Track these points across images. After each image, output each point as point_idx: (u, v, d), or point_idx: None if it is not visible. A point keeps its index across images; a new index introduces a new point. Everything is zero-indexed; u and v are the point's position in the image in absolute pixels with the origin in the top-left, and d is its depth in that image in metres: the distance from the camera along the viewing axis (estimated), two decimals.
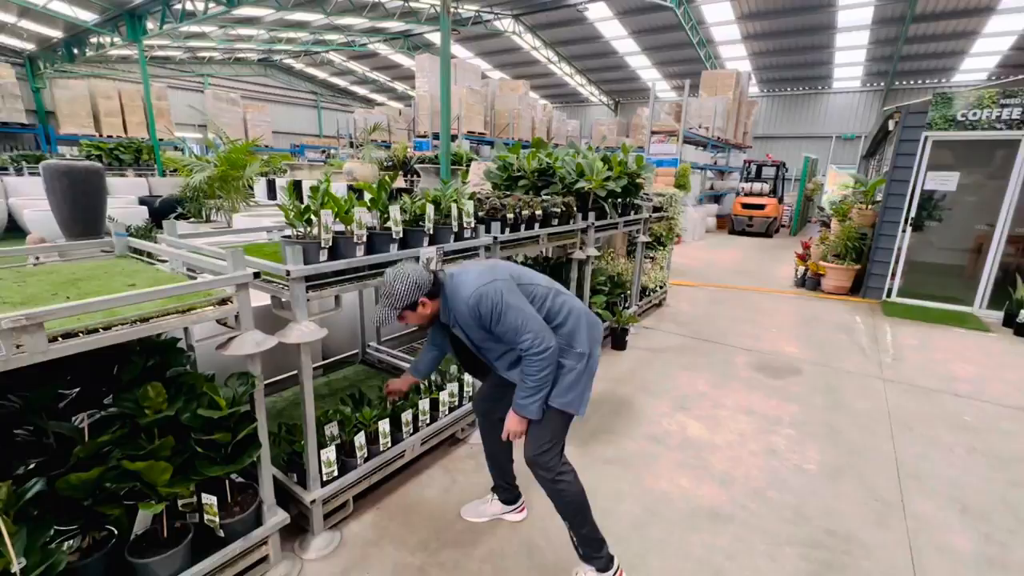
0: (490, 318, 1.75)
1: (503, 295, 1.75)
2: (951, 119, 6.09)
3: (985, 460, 2.96)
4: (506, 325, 1.74)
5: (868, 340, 5.12)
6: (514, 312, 1.74)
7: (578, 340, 1.86)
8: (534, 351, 1.73)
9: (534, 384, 1.78)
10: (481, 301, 1.74)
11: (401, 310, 1.78)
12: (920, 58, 15.44)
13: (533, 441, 1.88)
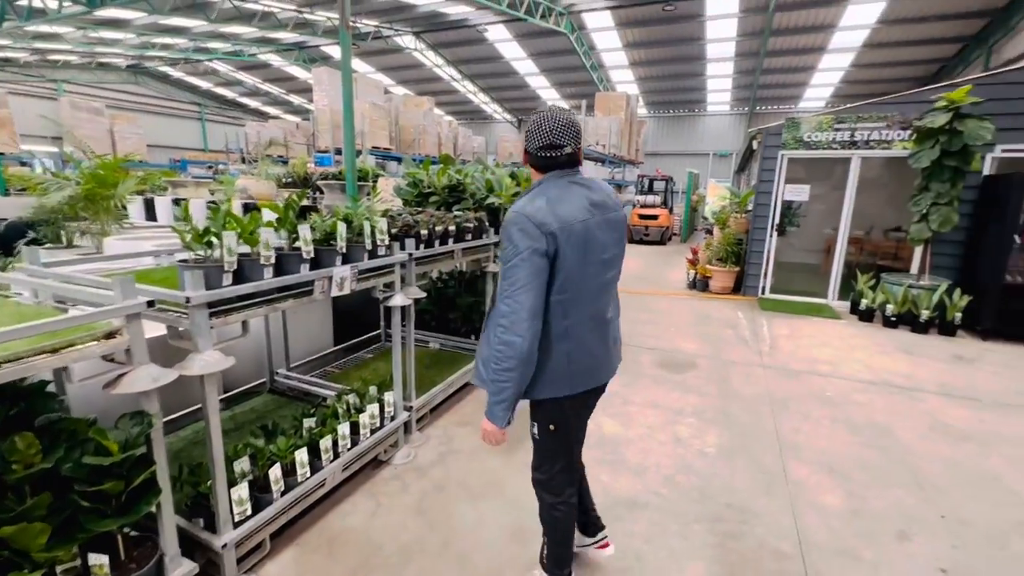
0: (502, 243, 1.54)
1: (519, 236, 1.47)
2: (800, 140, 7.14)
3: (844, 428, 3.49)
4: (504, 265, 1.52)
5: (749, 333, 5.79)
6: (516, 267, 1.47)
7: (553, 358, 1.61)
8: (504, 321, 1.49)
9: (495, 375, 1.53)
10: (511, 223, 1.51)
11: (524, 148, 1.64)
12: (774, 87, 17.91)
13: (534, 458, 1.82)
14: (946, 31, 12.80)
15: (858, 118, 6.81)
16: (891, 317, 6.17)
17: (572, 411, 1.72)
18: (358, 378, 3.57)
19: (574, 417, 1.75)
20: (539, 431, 1.75)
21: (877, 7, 11.93)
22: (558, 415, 1.70)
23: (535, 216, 1.48)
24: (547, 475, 1.79)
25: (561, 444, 1.75)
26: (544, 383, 1.62)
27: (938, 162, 5.87)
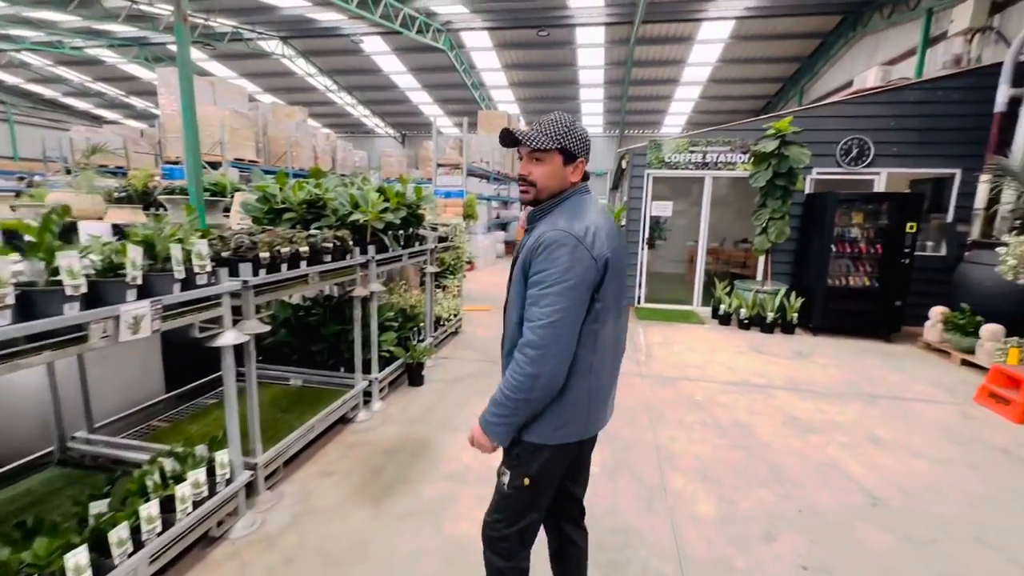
0: (537, 262, 1.33)
1: (568, 260, 1.30)
2: (662, 160, 7.74)
3: (713, 431, 3.66)
4: (540, 290, 1.31)
5: (629, 343, 6.00)
6: (559, 294, 1.29)
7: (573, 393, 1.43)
8: (531, 351, 1.30)
9: (507, 399, 1.35)
10: (560, 245, 1.31)
11: (565, 147, 1.41)
12: (639, 113, 19.64)
13: (491, 508, 1.56)
14: (769, 72, 15.06)
15: (708, 142, 7.57)
16: (744, 320, 6.85)
17: (563, 461, 1.50)
18: (191, 433, 2.95)
19: (560, 469, 1.52)
20: (510, 482, 1.49)
21: (717, 48, 13.64)
22: (545, 466, 1.46)
23: (587, 239, 1.33)
24: (502, 533, 1.52)
25: (534, 500, 1.50)
26: (555, 425, 1.42)
27: (771, 182, 6.69)
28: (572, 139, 1.42)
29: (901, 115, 6.92)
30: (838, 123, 7.12)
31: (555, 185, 1.45)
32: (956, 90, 6.79)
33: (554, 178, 1.44)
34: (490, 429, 1.41)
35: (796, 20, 11.75)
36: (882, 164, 7.09)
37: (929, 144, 6.90)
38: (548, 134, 1.41)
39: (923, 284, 6.58)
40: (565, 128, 1.41)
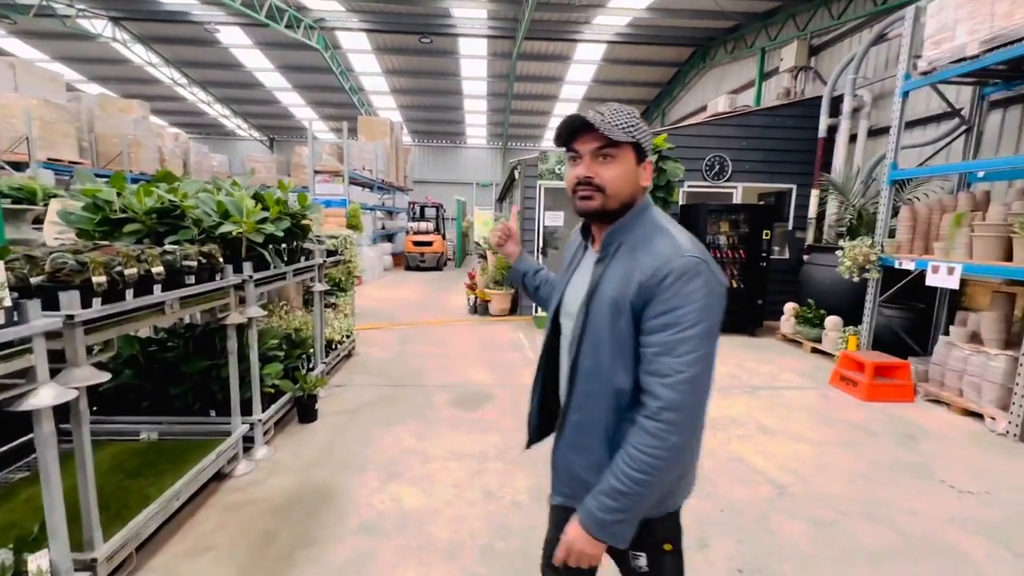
0: (662, 299, 1.01)
1: (706, 292, 1.01)
2: (552, 172, 7.92)
3: None
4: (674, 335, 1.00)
5: (532, 354, 5.96)
6: (702, 337, 1.00)
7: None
8: (671, 415, 0.99)
9: (636, 483, 1.01)
10: (694, 274, 1.01)
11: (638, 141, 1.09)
12: (522, 126, 20.25)
13: None
14: (636, 95, 16.50)
15: None
16: None
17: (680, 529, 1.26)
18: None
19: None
20: (649, 560, 1.20)
21: (591, 68, 14.57)
22: (674, 526, 1.23)
23: (715, 267, 1.07)
24: None
25: (676, 560, 1.25)
26: (680, 487, 1.20)
27: (653, 194, 7.18)
28: (643, 133, 1.12)
29: (749, 137, 7.91)
30: (702, 142, 7.92)
31: (627, 191, 1.13)
32: (789, 117, 7.97)
33: (628, 182, 1.12)
34: (608, 530, 1.05)
35: (657, 49, 12.99)
36: (738, 179, 8.04)
37: (772, 163, 7.98)
38: (619, 125, 1.07)
39: (776, 284, 7.55)
40: (635, 119, 1.10)
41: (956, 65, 4.42)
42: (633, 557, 1.22)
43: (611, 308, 1.09)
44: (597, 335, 1.11)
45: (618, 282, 1.09)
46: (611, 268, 1.13)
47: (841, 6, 8.09)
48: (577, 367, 1.15)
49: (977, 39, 4.17)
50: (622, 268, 1.10)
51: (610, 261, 1.14)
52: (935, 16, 4.59)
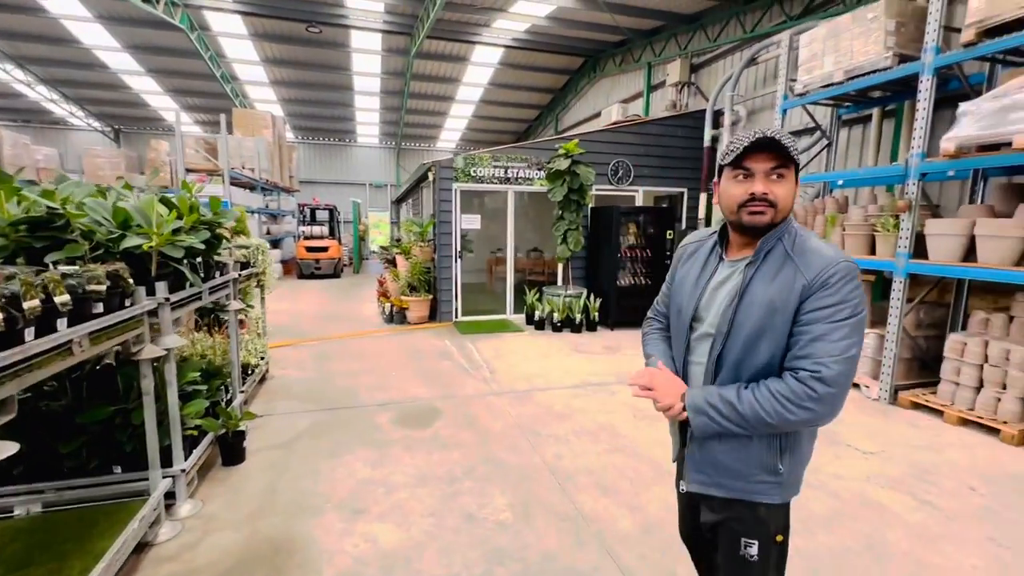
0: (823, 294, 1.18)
1: (859, 293, 1.20)
2: (469, 174, 7.81)
3: (587, 439, 3.75)
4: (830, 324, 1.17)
5: (465, 361, 5.81)
6: (856, 325, 1.18)
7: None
8: (823, 388, 1.14)
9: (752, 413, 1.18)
10: (850, 277, 1.19)
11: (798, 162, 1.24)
12: (417, 126, 19.72)
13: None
14: (531, 99, 16.98)
15: (508, 158, 7.97)
16: (558, 323, 7.42)
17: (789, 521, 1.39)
18: None
19: None
20: (760, 549, 1.31)
21: (488, 71, 14.67)
22: (786, 520, 1.35)
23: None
24: None
25: (782, 554, 1.35)
26: (798, 477, 1.32)
27: (567, 197, 7.43)
28: (799, 155, 1.27)
29: (647, 144, 8.56)
30: (607, 148, 8.38)
31: (791, 207, 1.28)
32: (679, 127, 8.77)
33: (793, 199, 1.28)
34: (697, 413, 1.25)
35: (552, 56, 13.49)
36: (639, 183, 8.65)
37: (666, 168, 8.72)
38: (792, 147, 1.22)
39: None
40: (796, 143, 1.25)
41: (825, 89, 5.20)
42: (746, 545, 1.32)
43: (767, 308, 1.23)
44: (748, 332, 1.24)
45: (775, 283, 1.23)
46: (761, 271, 1.26)
47: (716, 31, 9.10)
48: (723, 359, 1.29)
49: (841, 68, 4.94)
50: (774, 271, 1.25)
51: (760, 264, 1.27)
52: (807, 46, 5.35)
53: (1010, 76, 3.78)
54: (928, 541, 2.56)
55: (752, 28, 8.19)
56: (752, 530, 1.31)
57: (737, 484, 1.30)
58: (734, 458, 1.28)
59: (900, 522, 2.72)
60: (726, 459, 1.29)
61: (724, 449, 1.30)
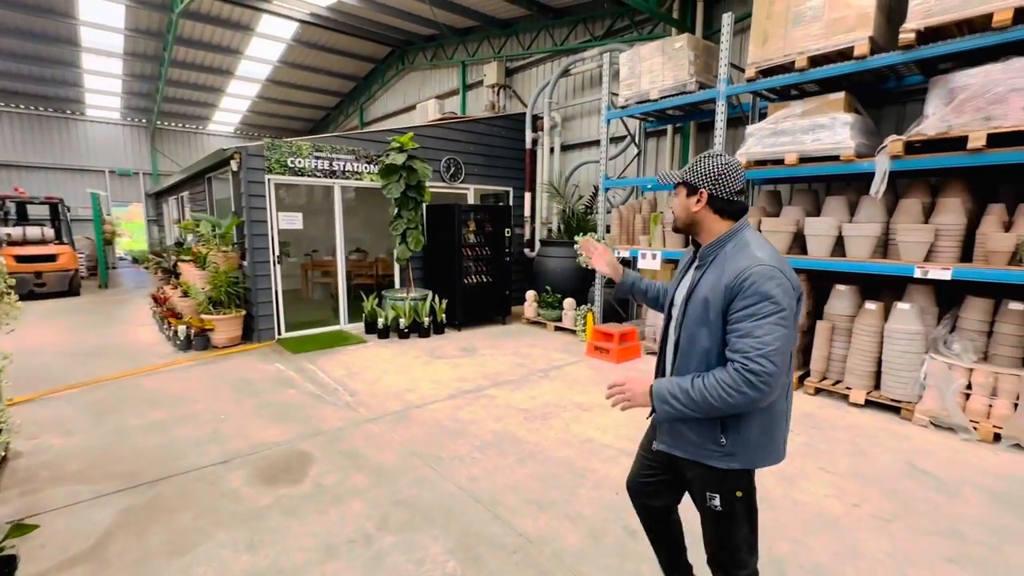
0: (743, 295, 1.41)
1: (781, 291, 1.40)
2: (285, 165, 6.64)
3: (493, 453, 3.54)
4: (754, 322, 1.39)
5: (315, 386, 4.93)
6: (779, 320, 1.38)
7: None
8: (755, 379, 1.35)
9: (704, 403, 1.42)
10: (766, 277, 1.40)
11: (685, 180, 1.60)
12: (183, 102, 16.02)
13: (720, 542, 1.65)
14: (328, 84, 15.45)
15: (333, 148, 7.06)
16: (404, 329, 6.93)
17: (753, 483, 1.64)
18: None
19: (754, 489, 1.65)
20: (723, 502, 1.58)
21: (278, 47, 12.78)
22: (747, 479, 1.60)
23: (788, 273, 1.46)
24: (730, 549, 1.64)
25: (749, 513, 1.62)
26: (762, 451, 1.54)
27: (405, 194, 6.97)
28: (693, 175, 1.58)
29: (475, 143, 8.63)
30: (437, 143, 8.15)
31: (683, 215, 1.63)
32: (504, 128, 9.08)
33: (681, 209, 1.63)
34: (660, 404, 1.49)
35: (355, 41, 12.49)
36: (470, 181, 8.67)
37: (493, 167, 8.94)
38: (687, 174, 1.61)
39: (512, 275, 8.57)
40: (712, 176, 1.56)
41: (642, 104, 5.97)
42: (709, 497, 1.60)
43: (703, 303, 1.51)
44: (692, 321, 1.54)
45: (710, 285, 1.50)
46: (706, 274, 1.54)
47: (528, 39, 9.67)
48: (679, 343, 1.60)
49: (656, 88, 5.74)
50: (713, 274, 1.51)
51: (705, 269, 1.56)
52: (626, 65, 6.06)
53: (775, 108, 4.91)
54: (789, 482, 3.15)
55: (562, 42, 8.95)
56: (713, 485, 1.59)
57: (692, 449, 1.58)
58: (689, 428, 1.57)
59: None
60: (684, 429, 1.58)
61: (682, 423, 1.59)
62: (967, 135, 3.69)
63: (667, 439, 1.66)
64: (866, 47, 4.13)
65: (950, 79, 3.87)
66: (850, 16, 4.19)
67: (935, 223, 4.12)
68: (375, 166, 7.46)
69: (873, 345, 4.45)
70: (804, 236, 4.81)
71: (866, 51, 4.14)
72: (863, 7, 4.13)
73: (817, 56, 4.45)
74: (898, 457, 3.50)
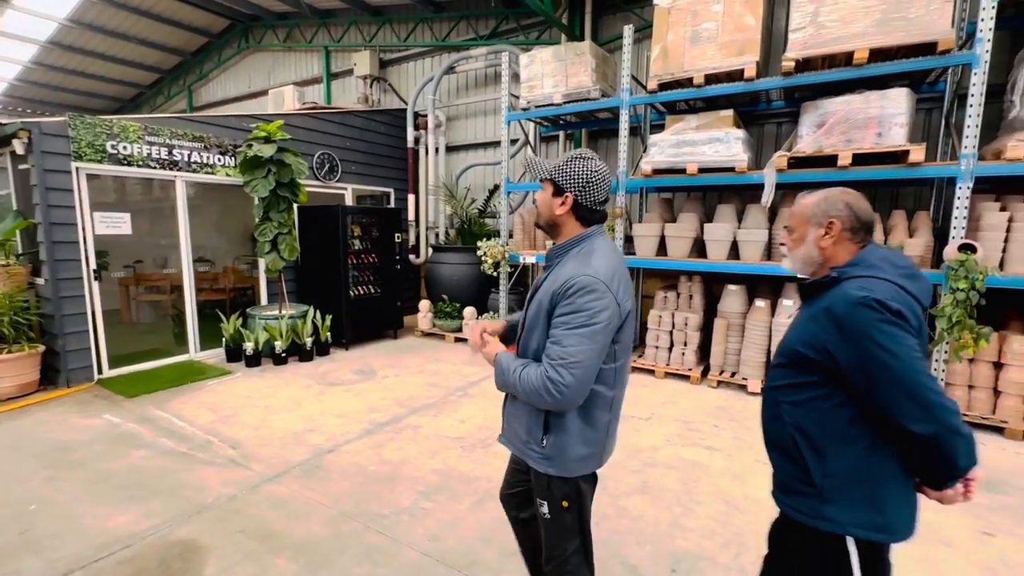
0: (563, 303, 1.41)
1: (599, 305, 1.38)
2: (102, 151, 5.06)
3: (444, 497, 3.01)
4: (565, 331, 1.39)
5: (175, 441, 3.75)
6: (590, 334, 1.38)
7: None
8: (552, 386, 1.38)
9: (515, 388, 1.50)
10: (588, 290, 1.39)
11: (553, 179, 1.52)
12: None
13: (549, 552, 1.64)
14: (144, 56, 12.58)
15: (172, 133, 5.62)
16: (281, 353, 5.81)
17: (587, 491, 1.63)
18: None
19: (590, 492, 1.65)
20: (550, 510, 1.58)
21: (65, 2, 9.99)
22: (574, 489, 1.57)
23: (612, 283, 1.42)
24: (559, 560, 1.62)
25: (578, 518, 1.61)
26: (579, 459, 1.52)
27: (275, 193, 5.87)
28: (560, 174, 1.51)
29: (352, 137, 7.74)
30: (309, 136, 7.09)
31: (546, 213, 1.58)
32: (382, 124, 8.31)
33: (547, 206, 1.57)
34: (497, 374, 1.55)
35: (180, 5, 10.37)
36: (348, 180, 7.73)
37: (371, 165, 8.12)
38: (557, 171, 1.54)
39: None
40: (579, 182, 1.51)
41: (544, 108, 5.89)
42: (539, 504, 1.61)
43: (538, 306, 1.51)
44: (529, 321, 1.56)
45: (545, 288, 1.50)
46: (548, 278, 1.55)
47: (404, 31, 9.01)
48: (519, 340, 1.62)
49: (560, 92, 5.69)
50: (551, 278, 1.51)
51: (548, 273, 1.57)
52: (527, 67, 5.91)
53: (673, 120, 5.21)
54: (734, 476, 3.25)
55: (444, 37, 8.52)
56: (541, 492, 1.59)
57: (520, 446, 1.60)
58: (517, 424, 1.60)
59: (709, 469, 3.36)
60: (515, 423, 1.62)
61: (514, 415, 1.62)
62: (837, 154, 4.28)
63: (507, 432, 1.69)
64: (754, 70, 4.57)
65: (820, 105, 4.46)
66: (740, 40, 4.60)
67: None
68: (231, 158, 6.16)
69: (763, 338, 4.95)
70: (703, 241, 5.18)
71: (754, 73, 4.57)
72: (751, 34, 4.56)
73: (711, 75, 4.80)
74: None
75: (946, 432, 1.13)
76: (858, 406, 1.23)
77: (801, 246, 1.40)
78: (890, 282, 1.22)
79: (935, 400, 1.12)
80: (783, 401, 1.35)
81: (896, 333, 1.15)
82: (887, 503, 1.23)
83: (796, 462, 1.32)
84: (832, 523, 1.25)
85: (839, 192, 1.37)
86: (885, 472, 1.23)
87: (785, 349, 1.37)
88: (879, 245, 1.36)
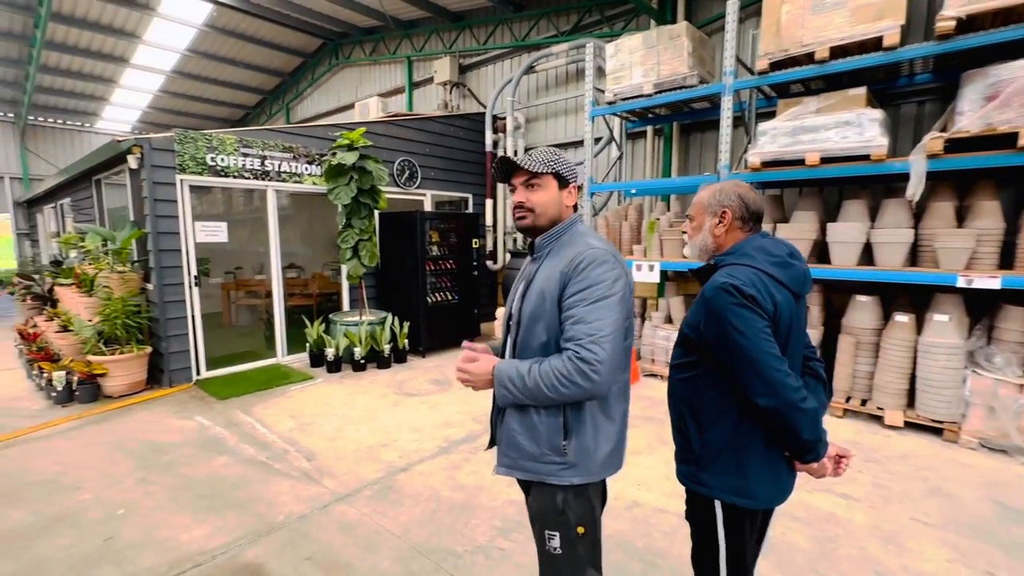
0: (576, 279, 1.33)
1: (613, 275, 1.33)
2: (204, 163, 5.34)
3: (522, 534, 2.66)
4: (586, 307, 1.30)
5: (255, 448, 3.75)
6: (611, 305, 1.31)
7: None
8: (587, 367, 1.26)
9: (535, 387, 1.30)
10: (598, 262, 1.33)
11: (559, 172, 1.45)
12: (62, 94, 13.49)
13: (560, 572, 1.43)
14: (249, 79, 13.72)
15: (264, 144, 5.83)
16: (360, 360, 5.81)
17: (599, 512, 1.48)
18: None
19: (600, 511, 1.49)
20: (563, 542, 1.39)
21: (187, 32, 11.05)
22: (589, 509, 1.42)
23: (620, 260, 1.44)
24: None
25: (592, 547, 1.43)
26: (607, 456, 1.41)
27: (356, 200, 5.89)
28: (562, 165, 1.46)
29: (431, 143, 7.69)
30: (389, 143, 7.12)
31: (553, 210, 1.47)
32: (461, 128, 8.21)
33: (552, 203, 1.47)
34: (499, 387, 1.36)
35: (280, 30, 11.09)
36: (427, 186, 7.70)
37: (450, 171, 8.03)
38: (541, 160, 1.44)
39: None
40: (555, 156, 1.46)
41: (633, 100, 5.38)
42: (548, 538, 1.40)
43: (539, 296, 1.40)
44: (528, 316, 1.42)
45: (545, 276, 1.41)
46: (542, 267, 1.46)
47: (483, 34, 8.90)
48: (516, 342, 1.46)
49: (651, 81, 5.17)
50: (549, 265, 1.43)
51: (541, 261, 1.48)
52: (613, 56, 5.45)
53: (787, 105, 4.49)
54: (885, 539, 2.57)
55: (523, 37, 8.27)
56: (552, 521, 1.40)
57: (532, 464, 1.39)
58: (528, 439, 1.40)
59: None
60: (522, 440, 1.40)
61: (519, 431, 1.41)
62: (1017, 131, 3.39)
63: (505, 458, 1.46)
64: (897, 36, 3.77)
65: (989, 73, 3.58)
66: (878, 2, 3.83)
67: (973, 227, 3.82)
68: (317, 167, 6.31)
69: (906, 361, 4.08)
70: (826, 244, 4.40)
71: (897, 41, 3.78)
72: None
73: (837, 47, 4.06)
74: (979, 493, 3.06)
75: (787, 407, 1.25)
76: (728, 382, 1.33)
77: (699, 234, 1.49)
78: (756, 269, 1.33)
79: (777, 378, 1.24)
80: (675, 378, 1.47)
81: (747, 315, 1.27)
82: (749, 471, 1.35)
83: (683, 434, 1.45)
84: (707, 488, 1.39)
85: (732, 184, 1.47)
86: (752, 443, 1.34)
87: (680, 331, 1.46)
88: (764, 234, 1.46)
